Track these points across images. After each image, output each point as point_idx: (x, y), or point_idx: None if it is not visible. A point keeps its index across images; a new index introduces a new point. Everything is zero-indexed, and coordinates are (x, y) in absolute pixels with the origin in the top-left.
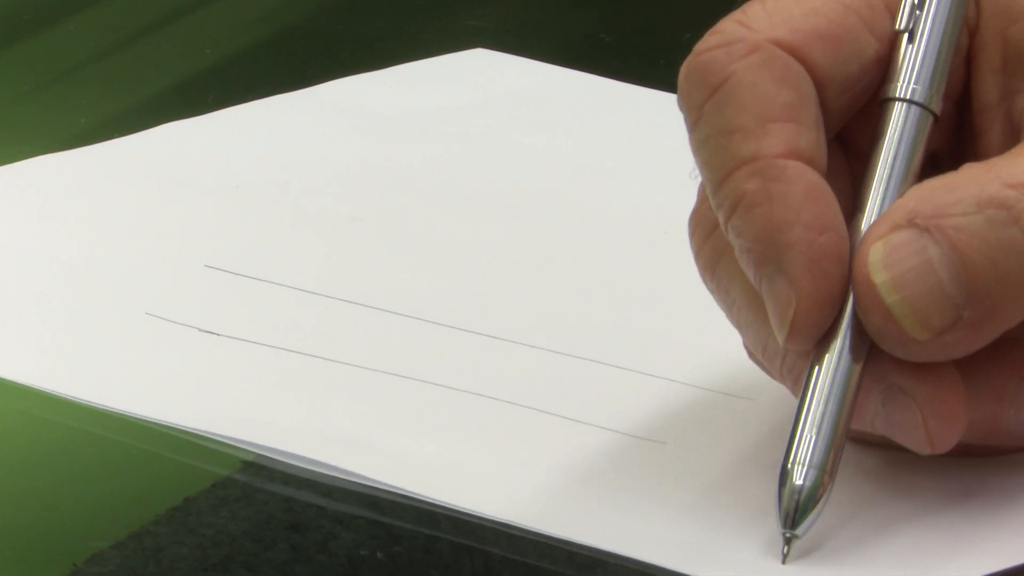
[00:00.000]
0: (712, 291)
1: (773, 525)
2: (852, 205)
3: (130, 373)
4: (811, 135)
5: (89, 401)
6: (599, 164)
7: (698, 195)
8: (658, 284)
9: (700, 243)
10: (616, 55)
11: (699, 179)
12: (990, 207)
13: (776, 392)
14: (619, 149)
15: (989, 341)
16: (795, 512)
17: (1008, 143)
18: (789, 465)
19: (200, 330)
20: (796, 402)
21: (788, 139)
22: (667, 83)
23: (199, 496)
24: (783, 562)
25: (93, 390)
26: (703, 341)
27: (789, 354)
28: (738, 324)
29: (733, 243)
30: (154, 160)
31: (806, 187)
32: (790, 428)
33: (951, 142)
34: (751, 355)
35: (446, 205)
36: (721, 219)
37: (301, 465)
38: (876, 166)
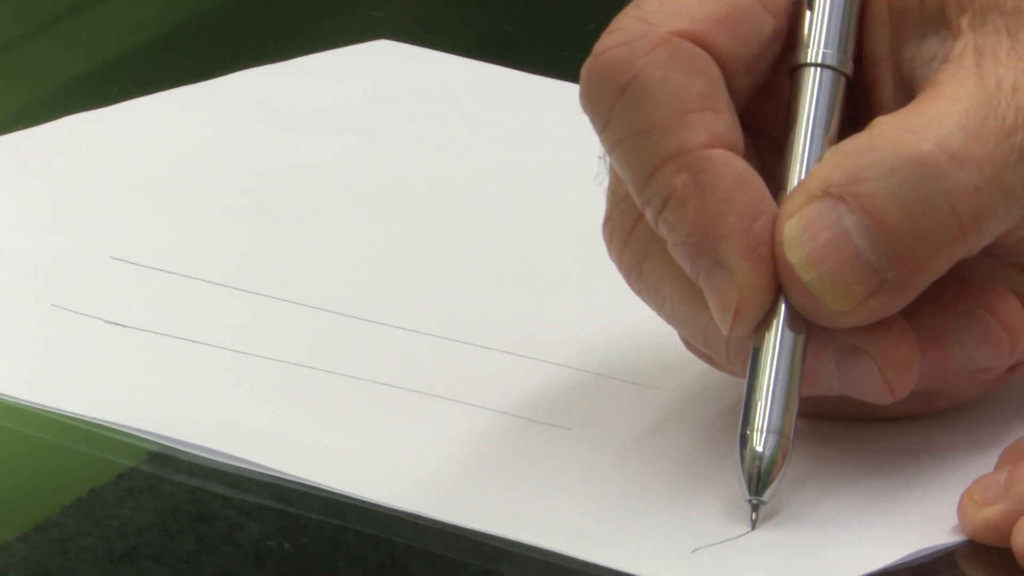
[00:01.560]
0: (639, 292)
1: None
2: (773, 181)
3: (36, 364)
4: (728, 120)
5: None
6: (505, 155)
7: (608, 201)
8: (563, 274)
9: (620, 248)
10: (520, 47)
11: (605, 183)
12: (904, 167)
13: (678, 380)
14: (525, 140)
15: (916, 296)
16: (759, 478)
17: (900, 94)
18: (748, 432)
19: (106, 321)
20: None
21: (708, 128)
22: (571, 74)
23: (105, 487)
24: (752, 528)
25: None
26: (608, 329)
27: (733, 339)
28: (673, 319)
29: (666, 238)
30: (59, 152)
31: (734, 175)
32: (741, 400)
33: (846, 100)
34: (689, 347)
35: (351, 197)
36: (650, 216)
37: (207, 456)
38: (798, 135)
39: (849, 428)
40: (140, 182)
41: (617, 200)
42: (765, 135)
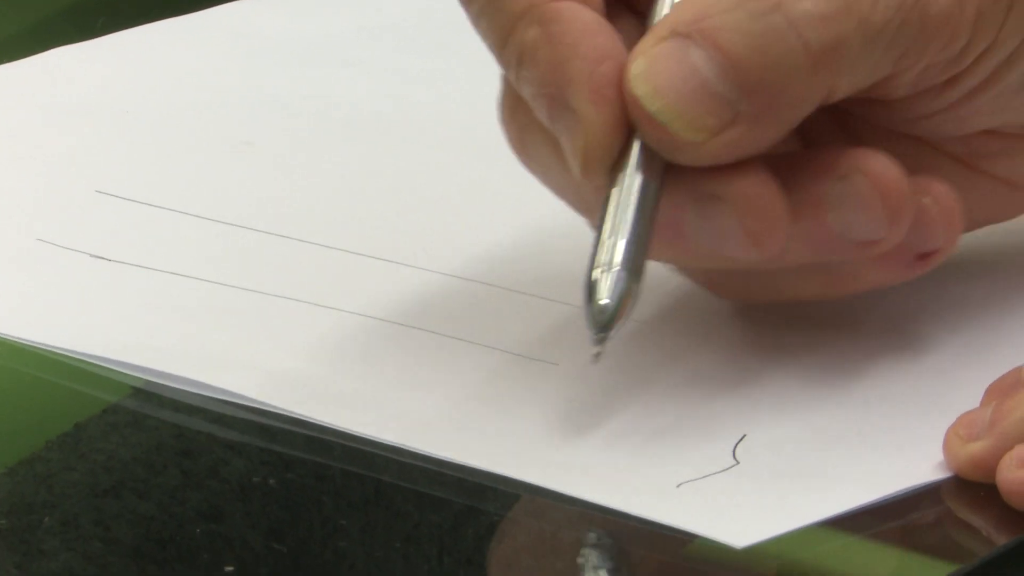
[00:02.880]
0: (528, 166)
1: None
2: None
3: (21, 299)
4: None
5: None
6: (494, 86)
7: (501, 82)
8: (553, 209)
9: (507, 124)
10: None
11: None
12: (749, 1)
13: (666, 315)
14: None
15: (778, 134)
16: (606, 314)
17: None
18: (595, 269)
19: (91, 255)
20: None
21: None
22: None
23: (89, 422)
24: (594, 363)
25: None
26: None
27: (596, 192)
28: (557, 189)
29: (526, 96)
30: (43, 86)
31: (582, 23)
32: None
33: None
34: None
35: (337, 129)
36: (512, 77)
37: (191, 390)
38: None
39: (837, 363)
40: (125, 115)
41: (506, 82)
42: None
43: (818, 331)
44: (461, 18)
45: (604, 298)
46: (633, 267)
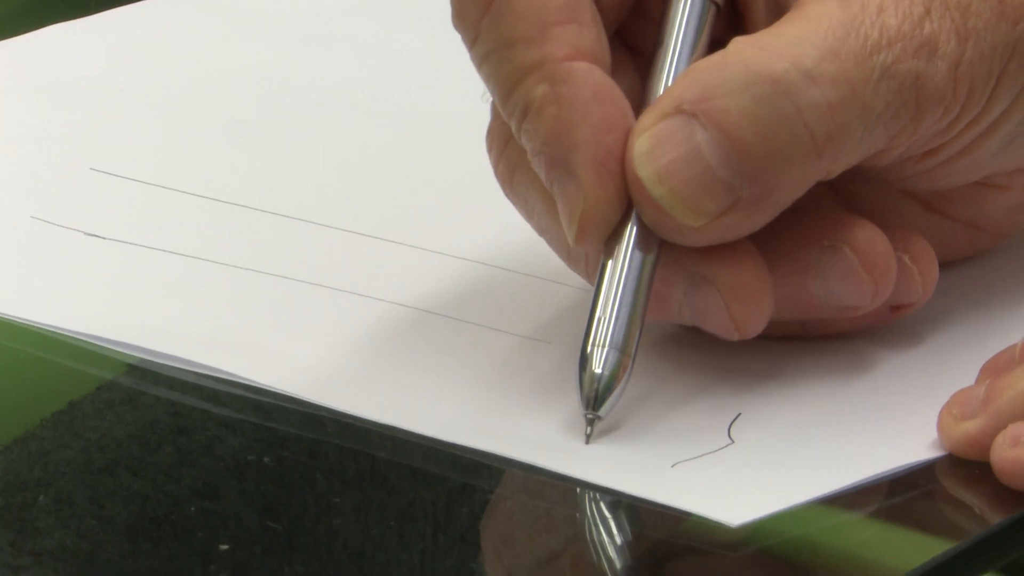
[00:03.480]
0: (513, 201)
1: (661, 424)
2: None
3: (15, 277)
4: (591, 33)
5: None
6: None
7: (491, 111)
8: None
9: (496, 157)
10: None
11: (491, 99)
12: (757, 84)
13: None
14: None
15: (774, 215)
16: (596, 394)
17: (772, 19)
18: (589, 348)
19: (86, 233)
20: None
21: (570, 40)
22: None
23: (84, 400)
24: (587, 442)
25: None
26: None
27: (591, 256)
28: (539, 230)
29: (526, 148)
30: (37, 63)
31: (593, 87)
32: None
33: (724, 27)
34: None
35: (331, 107)
36: (513, 127)
37: (186, 368)
38: (659, 59)
39: (830, 344)
40: (120, 93)
41: (496, 112)
42: (646, 56)
43: None
44: None
45: (597, 375)
46: (626, 346)
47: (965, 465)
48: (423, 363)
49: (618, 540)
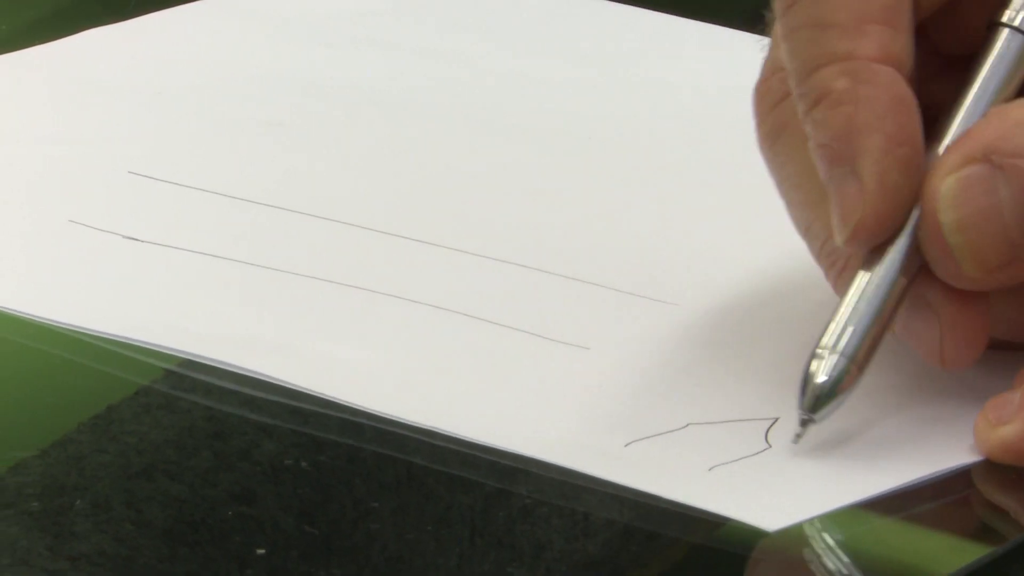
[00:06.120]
0: (767, 161)
1: (698, 428)
2: (927, 110)
3: (54, 281)
4: (904, 40)
5: (12, 309)
6: (514, 65)
7: (764, 67)
8: (583, 190)
9: (764, 113)
10: None
11: (765, 52)
12: None
13: (699, 297)
14: (535, 51)
15: None
16: (816, 397)
17: None
18: (819, 350)
19: (124, 236)
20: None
21: (883, 43)
22: None
23: (121, 404)
24: (795, 442)
25: (16, 298)
26: (626, 246)
27: (830, 241)
28: (786, 200)
29: (809, 134)
30: (76, 67)
31: (894, 95)
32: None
33: None
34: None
35: (364, 108)
36: (801, 109)
37: (226, 369)
38: (971, 90)
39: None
40: (158, 96)
41: (775, 68)
42: (937, 53)
43: None
44: None
45: (820, 379)
46: (857, 358)
47: (1001, 470)
48: (461, 367)
49: (656, 544)
